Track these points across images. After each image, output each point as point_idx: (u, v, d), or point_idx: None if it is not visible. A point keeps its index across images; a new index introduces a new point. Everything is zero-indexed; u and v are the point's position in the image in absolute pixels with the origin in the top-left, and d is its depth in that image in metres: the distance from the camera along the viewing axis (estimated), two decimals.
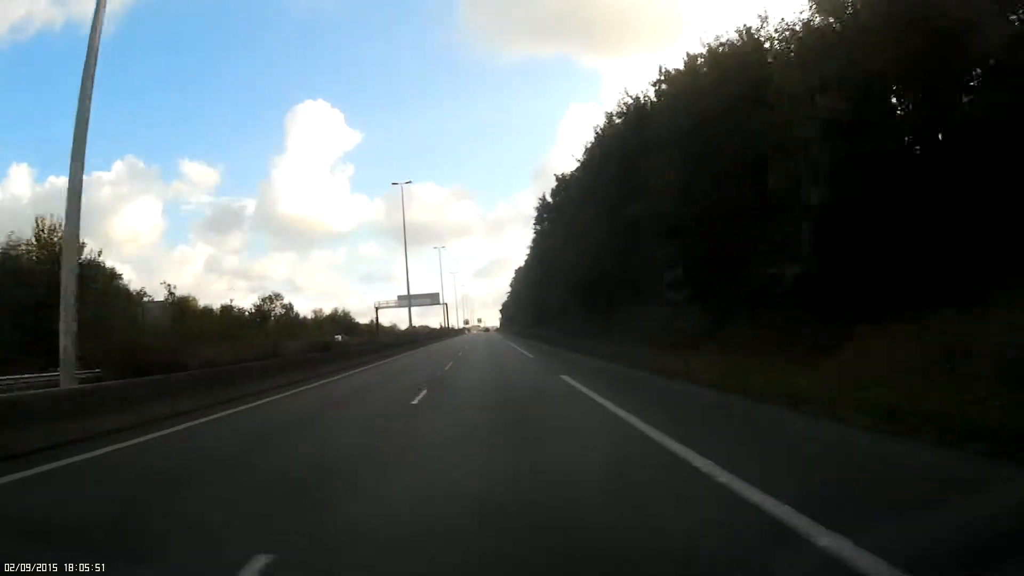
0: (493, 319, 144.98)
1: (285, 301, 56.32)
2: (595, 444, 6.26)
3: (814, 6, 11.57)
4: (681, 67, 19.05)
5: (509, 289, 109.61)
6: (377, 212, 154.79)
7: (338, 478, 5.17)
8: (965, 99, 10.40)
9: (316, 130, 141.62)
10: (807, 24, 11.96)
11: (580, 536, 3.41)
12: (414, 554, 3.28)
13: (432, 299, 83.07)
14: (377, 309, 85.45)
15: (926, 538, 3.11)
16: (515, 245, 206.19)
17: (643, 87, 26.91)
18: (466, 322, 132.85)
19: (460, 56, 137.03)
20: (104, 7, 11.29)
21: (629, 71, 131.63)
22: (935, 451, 4.97)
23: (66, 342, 9.19)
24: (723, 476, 4.42)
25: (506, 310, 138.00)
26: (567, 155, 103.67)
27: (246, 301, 62.31)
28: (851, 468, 4.84)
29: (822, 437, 6.04)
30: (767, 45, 15.62)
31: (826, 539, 3.07)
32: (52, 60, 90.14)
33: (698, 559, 3.05)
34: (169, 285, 35.89)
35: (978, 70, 10.16)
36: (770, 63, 14.32)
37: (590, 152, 27.00)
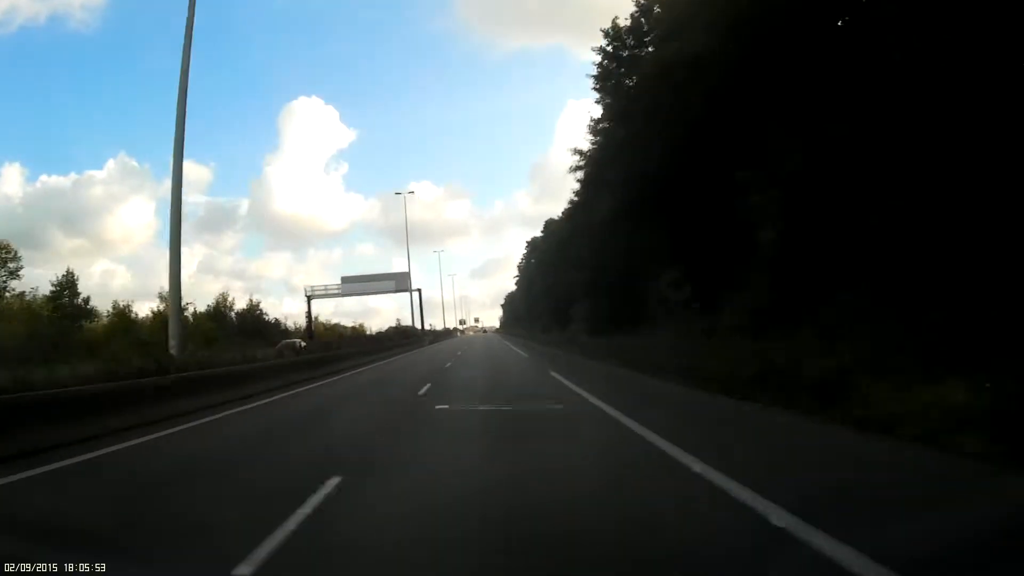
0: (490, 319, 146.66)
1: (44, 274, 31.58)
2: None
3: None
4: None
5: (516, 274, 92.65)
6: (372, 211, 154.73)
7: None
8: None
9: (310, 128, 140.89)
10: None
11: None
12: None
13: (397, 282, 52.73)
14: (309, 299, 56.05)
15: None
16: (513, 246, 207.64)
17: None
18: (462, 322, 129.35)
19: (454, 50, 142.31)
20: None
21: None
22: None
23: None
24: None
25: (511, 305, 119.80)
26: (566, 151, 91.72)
27: (242, 303, 55.67)
28: None
29: None
30: None
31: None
32: (37, 55, 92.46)
33: None
34: None
35: None
36: None
37: None
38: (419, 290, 64.62)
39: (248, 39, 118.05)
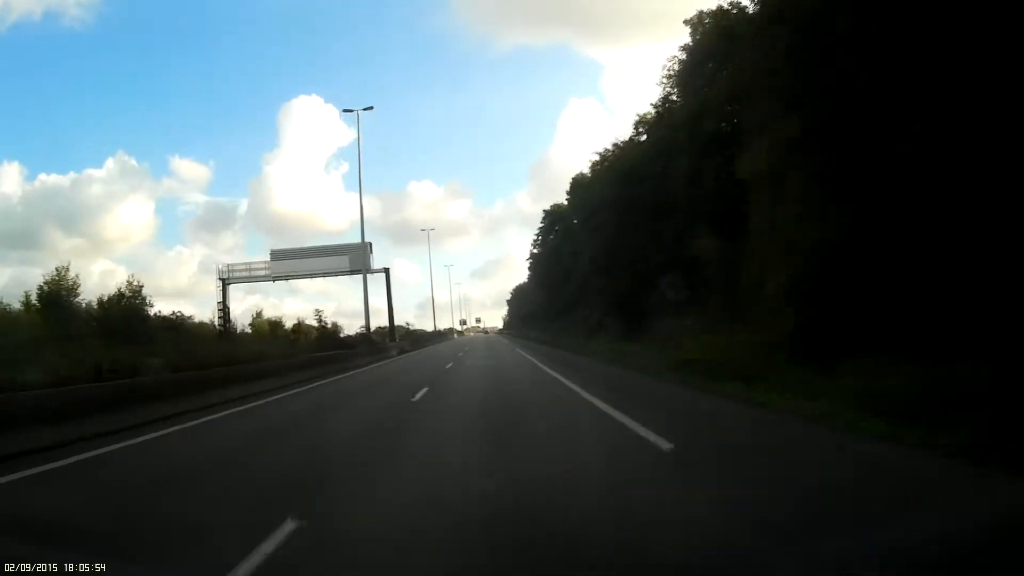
0: (492, 320, 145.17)
1: None
2: None
3: None
4: None
5: (530, 258, 71.33)
6: (372, 210, 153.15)
7: None
8: None
9: (310, 126, 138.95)
10: None
11: None
12: None
13: (352, 259, 33.75)
14: (225, 283, 36.23)
15: None
16: (515, 246, 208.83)
17: None
18: (462, 322, 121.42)
19: (454, 47, 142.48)
20: None
21: (633, 62, 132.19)
22: None
23: None
24: None
25: (519, 300, 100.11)
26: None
27: (244, 304, 33.67)
28: None
29: None
30: None
31: None
32: (34, 52, 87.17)
33: None
34: None
35: None
36: None
37: None
38: (385, 270, 44.75)
39: (247, 37, 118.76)
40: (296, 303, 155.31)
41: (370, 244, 38.47)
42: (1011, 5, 7.92)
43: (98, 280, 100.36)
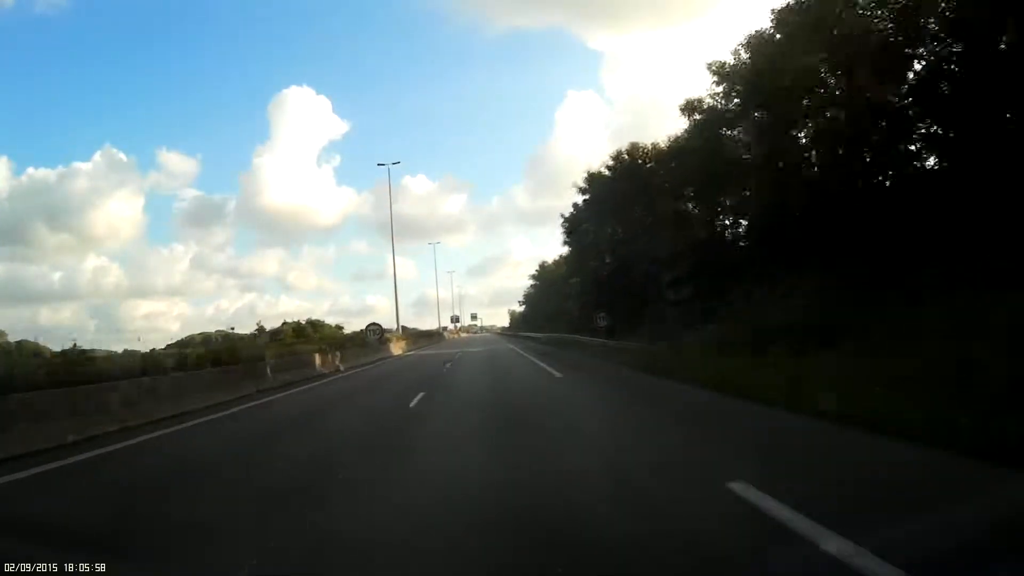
0: (491, 319, 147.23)
1: None
2: None
3: None
4: None
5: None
6: (364, 205, 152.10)
7: None
8: None
9: (301, 119, 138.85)
10: None
11: None
12: None
13: None
14: None
15: None
16: (513, 244, 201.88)
17: None
18: (454, 319, 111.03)
19: (445, 29, 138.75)
20: None
21: (635, 50, 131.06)
22: None
23: None
24: None
25: (542, 284, 78.20)
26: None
27: (240, 302, 28.01)
28: None
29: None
30: None
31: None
32: (13, 41, 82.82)
33: None
34: None
35: None
36: None
37: None
38: None
39: (235, 24, 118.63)
40: (292, 300, 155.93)
41: None
42: None
43: (91, 276, 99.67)
